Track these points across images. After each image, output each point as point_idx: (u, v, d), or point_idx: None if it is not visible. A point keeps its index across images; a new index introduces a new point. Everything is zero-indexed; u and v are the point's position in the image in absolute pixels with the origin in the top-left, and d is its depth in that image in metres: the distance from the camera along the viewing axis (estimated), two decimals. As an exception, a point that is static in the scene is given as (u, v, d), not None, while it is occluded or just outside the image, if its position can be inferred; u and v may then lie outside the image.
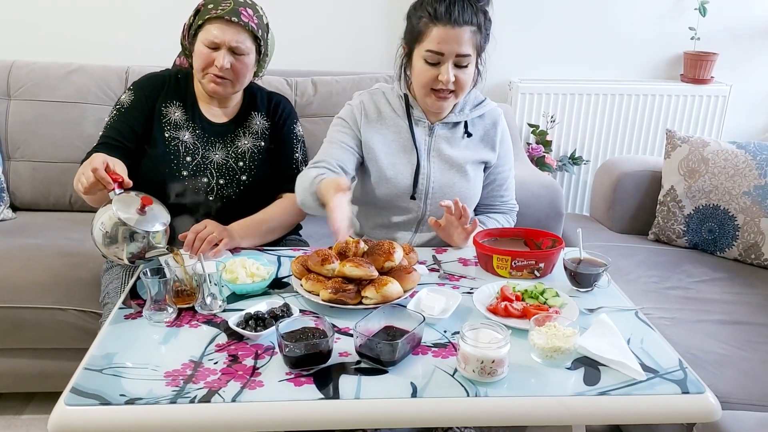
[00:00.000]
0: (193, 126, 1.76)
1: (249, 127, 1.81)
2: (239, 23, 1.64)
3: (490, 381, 1.11)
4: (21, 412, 1.97)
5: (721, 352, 1.59)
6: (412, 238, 1.77)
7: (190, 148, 1.74)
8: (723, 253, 2.13)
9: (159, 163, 1.72)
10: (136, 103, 1.74)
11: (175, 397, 1.05)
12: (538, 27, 2.84)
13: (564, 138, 2.93)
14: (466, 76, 1.62)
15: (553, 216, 2.13)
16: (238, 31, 1.65)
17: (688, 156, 2.18)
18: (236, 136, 1.79)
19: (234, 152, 1.77)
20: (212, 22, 1.65)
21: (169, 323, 1.28)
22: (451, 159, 1.72)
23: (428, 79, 1.61)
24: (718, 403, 1.11)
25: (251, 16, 1.67)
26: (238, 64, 1.68)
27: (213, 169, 1.75)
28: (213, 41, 1.65)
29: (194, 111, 1.78)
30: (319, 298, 1.34)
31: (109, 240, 1.40)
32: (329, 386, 1.09)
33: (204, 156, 1.75)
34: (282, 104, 1.87)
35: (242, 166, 1.77)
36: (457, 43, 1.56)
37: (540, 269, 1.50)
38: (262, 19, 1.72)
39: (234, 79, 1.70)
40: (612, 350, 1.19)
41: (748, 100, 3.02)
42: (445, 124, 1.73)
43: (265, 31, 1.74)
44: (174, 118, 1.76)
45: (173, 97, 1.78)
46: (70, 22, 2.63)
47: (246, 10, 1.67)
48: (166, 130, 1.74)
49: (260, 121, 1.82)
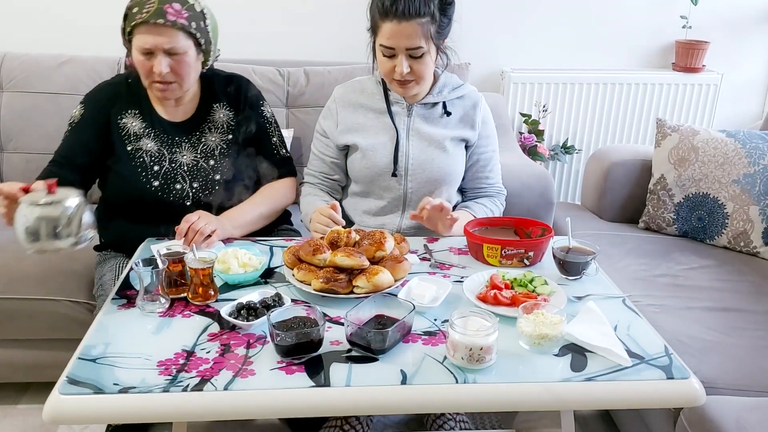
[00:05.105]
0: (154, 132, 1.69)
1: (213, 122, 1.74)
2: (166, 24, 1.54)
3: (478, 368, 1.12)
4: (17, 402, 1.99)
5: (708, 338, 1.61)
6: (400, 221, 1.79)
7: (155, 156, 1.67)
8: (712, 240, 2.15)
9: (127, 178, 1.66)
10: (88, 117, 1.67)
11: (168, 386, 1.07)
12: (531, 17, 2.84)
13: (556, 127, 2.94)
14: (423, 66, 1.63)
15: (544, 205, 2.14)
16: (167, 33, 1.55)
17: (678, 145, 2.19)
18: (201, 133, 1.72)
19: (203, 151, 1.71)
20: (140, 27, 1.55)
21: (162, 313, 1.30)
22: (429, 136, 1.75)
23: (387, 71, 1.66)
24: (702, 389, 1.13)
25: (179, 11, 1.55)
26: (178, 65, 1.59)
27: (184, 173, 1.68)
28: (144, 48, 1.56)
29: (152, 115, 1.70)
30: (310, 288, 1.35)
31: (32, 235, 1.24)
32: (320, 374, 1.11)
33: (171, 161, 1.68)
34: (243, 89, 1.78)
35: (213, 164, 1.71)
36: (406, 38, 1.58)
37: (529, 258, 1.52)
38: (194, 8, 1.60)
39: (178, 81, 1.62)
40: (599, 337, 1.21)
41: (739, 89, 3.04)
42: (423, 105, 1.77)
43: (200, 19, 1.61)
44: (132, 128, 1.68)
45: (127, 105, 1.70)
46: (62, 13, 2.62)
47: (172, 6, 1.55)
48: (127, 143, 1.67)
49: (223, 113, 1.75)
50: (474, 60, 2.67)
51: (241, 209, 1.71)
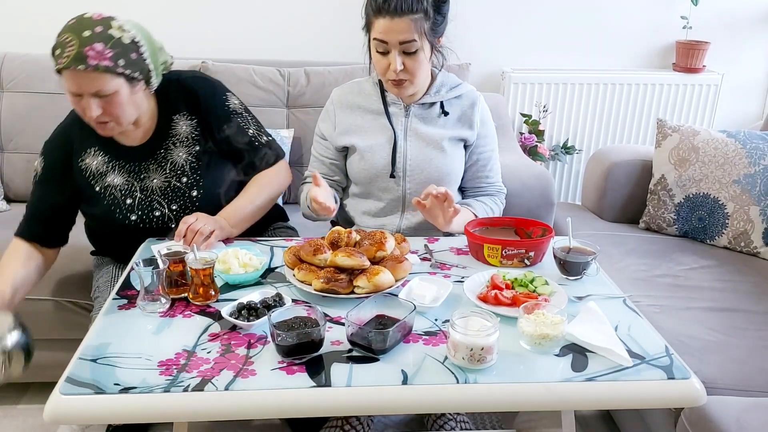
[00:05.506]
0: (117, 164, 1.61)
1: (176, 136, 1.63)
2: (88, 69, 1.40)
3: (479, 368, 1.12)
4: (17, 402, 1.99)
5: (709, 338, 1.61)
6: (400, 222, 1.79)
7: (125, 189, 1.60)
8: (713, 241, 2.15)
9: (103, 219, 1.62)
10: (48, 170, 1.61)
11: (168, 386, 1.07)
12: (531, 17, 2.84)
13: (556, 127, 2.94)
14: (416, 63, 1.63)
15: (544, 205, 2.14)
16: (90, 77, 1.41)
17: (678, 145, 2.19)
18: (166, 150, 1.63)
19: (172, 170, 1.62)
20: (63, 71, 1.43)
21: (163, 313, 1.30)
22: (427, 136, 1.75)
23: (382, 68, 1.65)
24: (703, 389, 1.13)
25: (101, 53, 1.40)
26: (110, 105, 1.47)
27: (159, 198, 1.60)
28: (71, 91, 1.45)
29: (111, 147, 1.61)
30: (311, 288, 1.35)
31: None
32: (321, 374, 1.11)
33: (143, 189, 1.60)
34: (200, 95, 1.65)
35: (187, 181, 1.62)
36: (398, 33, 1.57)
37: (530, 258, 1.52)
38: (120, 42, 1.44)
39: (114, 120, 1.50)
40: (599, 337, 1.20)
41: (739, 89, 3.04)
42: (421, 105, 1.76)
43: (130, 52, 1.46)
44: (95, 167, 1.60)
45: (85, 145, 1.62)
46: (61, 13, 2.60)
47: (93, 47, 1.40)
48: (94, 183, 1.61)
49: (185, 124, 1.63)
50: (474, 60, 2.67)
51: (238, 205, 1.66)
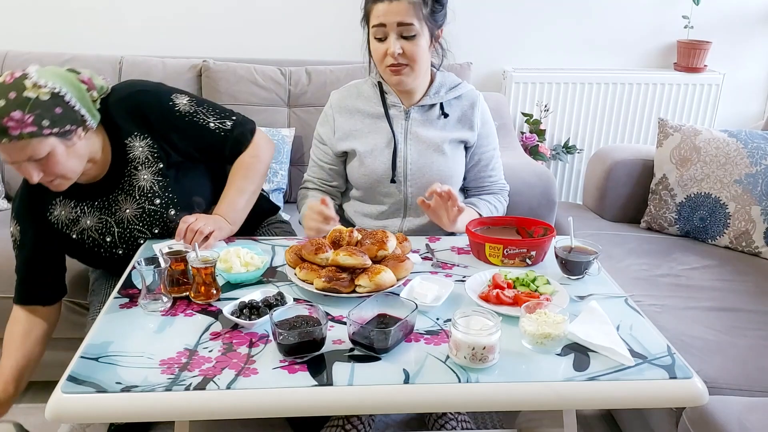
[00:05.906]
0: (85, 206, 1.56)
1: (135, 160, 1.55)
2: (12, 141, 1.31)
3: (481, 367, 1.12)
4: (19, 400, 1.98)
5: (710, 338, 1.61)
6: (401, 225, 1.78)
7: (101, 228, 1.56)
8: (714, 240, 2.15)
9: (91, 259, 1.62)
10: (23, 234, 1.56)
11: (170, 385, 1.07)
12: (532, 16, 2.84)
13: (558, 127, 2.94)
14: (416, 47, 1.62)
15: (546, 204, 2.14)
16: (17, 146, 1.32)
17: (680, 144, 2.19)
18: (130, 177, 1.56)
19: (141, 195, 1.56)
20: None
21: (164, 312, 1.30)
22: (428, 140, 1.74)
23: (380, 55, 1.64)
24: (705, 388, 1.13)
25: (21, 120, 1.29)
26: (47, 166, 1.38)
27: (138, 227, 1.57)
28: (6, 161, 1.37)
29: (73, 191, 1.53)
30: (312, 287, 1.35)
31: None
32: (323, 373, 1.11)
33: (118, 223, 1.56)
34: (146, 111, 1.56)
35: (160, 202, 1.57)
36: (396, 14, 1.58)
37: (531, 257, 1.52)
38: (39, 101, 1.32)
39: (59, 177, 1.42)
40: (601, 336, 1.20)
41: (741, 89, 3.04)
42: (420, 108, 1.75)
43: (54, 107, 1.34)
44: (65, 217, 1.56)
45: (48, 198, 1.56)
46: (64, 12, 2.62)
47: (11, 117, 1.29)
48: (69, 232, 1.57)
49: (140, 144, 1.55)
50: (476, 59, 2.67)
51: (230, 200, 1.62)
